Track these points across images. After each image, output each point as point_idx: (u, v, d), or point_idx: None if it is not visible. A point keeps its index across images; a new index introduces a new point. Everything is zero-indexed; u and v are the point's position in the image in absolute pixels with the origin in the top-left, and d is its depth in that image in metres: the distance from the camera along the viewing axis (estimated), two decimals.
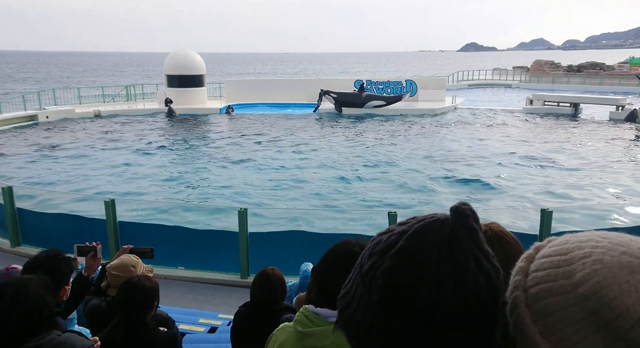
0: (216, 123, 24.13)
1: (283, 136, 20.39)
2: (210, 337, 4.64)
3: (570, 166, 15.35)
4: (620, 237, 0.64)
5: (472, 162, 15.93)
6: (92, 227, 7.63)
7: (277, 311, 2.75)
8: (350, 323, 0.73)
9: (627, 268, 0.58)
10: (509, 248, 1.29)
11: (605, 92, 35.85)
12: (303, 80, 36.21)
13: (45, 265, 2.63)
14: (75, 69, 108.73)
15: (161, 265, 7.02)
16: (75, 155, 17.16)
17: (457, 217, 0.69)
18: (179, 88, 27.21)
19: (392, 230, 0.73)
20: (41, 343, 1.76)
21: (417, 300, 0.66)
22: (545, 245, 0.71)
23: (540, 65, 53.09)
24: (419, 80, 30.93)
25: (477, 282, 0.66)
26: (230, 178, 14.19)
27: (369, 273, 0.71)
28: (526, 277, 0.68)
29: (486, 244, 0.71)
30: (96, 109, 26.04)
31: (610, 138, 20.02)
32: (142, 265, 3.27)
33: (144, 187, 13.50)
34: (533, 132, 21.63)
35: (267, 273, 2.95)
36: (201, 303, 6.42)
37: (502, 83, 49.49)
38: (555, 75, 47.65)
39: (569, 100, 26.99)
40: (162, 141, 19.64)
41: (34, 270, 2.59)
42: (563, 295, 0.61)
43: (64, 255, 2.77)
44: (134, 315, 2.52)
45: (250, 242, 6.94)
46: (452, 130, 21.93)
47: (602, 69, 48.74)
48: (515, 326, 0.67)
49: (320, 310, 1.39)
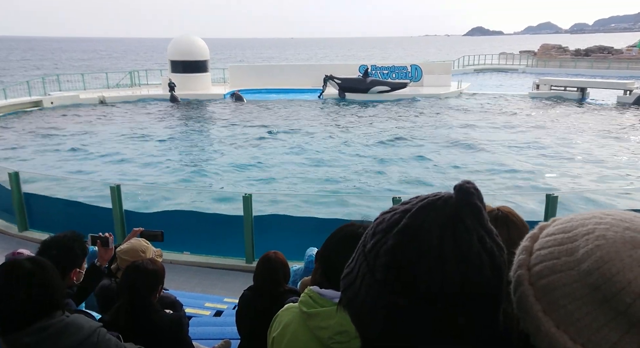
0: (220, 108, 24.08)
1: (288, 121, 20.33)
2: (216, 321, 4.70)
3: (577, 151, 15.24)
4: (624, 214, 0.63)
5: (477, 147, 15.85)
6: (98, 212, 7.68)
7: (280, 294, 2.78)
8: (353, 303, 0.73)
9: (630, 243, 0.58)
10: (514, 228, 1.29)
11: (614, 76, 35.38)
12: (307, 65, 35.93)
13: (60, 245, 2.71)
14: (81, 56, 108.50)
15: (167, 250, 7.07)
16: (79, 140, 17.22)
17: (461, 195, 0.68)
18: (183, 73, 27.13)
19: (395, 209, 0.73)
20: (49, 324, 1.78)
21: (420, 278, 0.66)
22: (549, 224, 0.71)
23: (547, 49, 52.32)
24: (425, 65, 30.63)
25: (481, 260, 0.66)
26: (235, 164, 14.21)
27: (372, 252, 0.71)
28: (530, 256, 0.68)
29: (490, 223, 0.70)
30: (101, 94, 26.04)
31: (617, 123, 19.82)
32: (152, 250, 3.30)
33: (149, 172, 13.56)
34: (539, 117, 21.44)
35: (270, 256, 2.97)
36: (207, 288, 6.49)
37: (509, 67, 48.97)
38: (562, 60, 47.02)
39: (576, 84, 26.67)
40: (167, 127, 19.66)
41: (47, 249, 2.67)
42: (566, 272, 0.61)
43: (81, 238, 2.83)
44: (137, 298, 2.55)
45: (255, 227, 6.97)
46: (457, 116, 21.78)
47: (610, 52, 47.99)
48: (519, 304, 0.67)
49: (325, 291, 1.40)
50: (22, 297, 1.74)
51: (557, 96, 26.10)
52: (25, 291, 1.75)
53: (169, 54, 28.01)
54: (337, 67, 30.05)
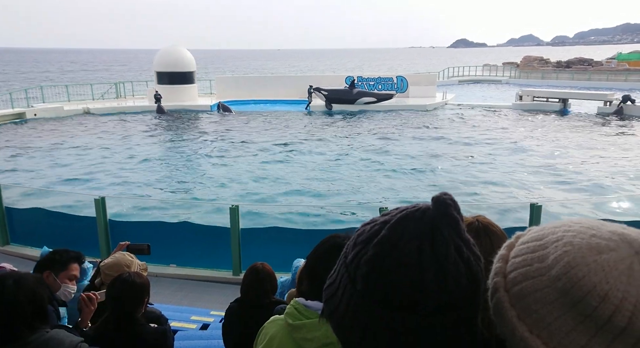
0: (207, 120, 24.00)
1: (274, 133, 20.35)
2: (202, 334, 4.64)
3: (559, 161, 15.49)
4: (592, 222, 0.66)
5: (462, 158, 16.03)
6: (82, 226, 7.57)
7: (267, 305, 2.77)
8: (335, 313, 0.75)
9: (595, 249, 0.61)
10: (496, 238, 1.31)
11: (594, 88, 36.19)
12: (294, 76, 36.08)
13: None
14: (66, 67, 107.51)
15: (153, 263, 6.99)
16: (63, 152, 17.00)
17: (438, 207, 0.70)
18: (169, 85, 27.03)
19: (375, 221, 0.75)
20: (30, 340, 1.75)
21: (399, 288, 0.67)
22: (525, 233, 0.74)
23: (529, 61, 53.42)
24: (410, 77, 31.00)
25: (458, 269, 0.68)
26: (222, 175, 14.15)
27: (353, 263, 0.72)
28: (506, 264, 0.70)
29: (469, 235, 0.73)
30: (85, 106, 25.78)
31: (598, 133, 20.24)
32: (137, 263, 3.27)
33: (134, 184, 13.42)
34: (522, 127, 21.79)
35: (257, 267, 2.97)
36: (193, 301, 6.41)
37: (492, 79, 49.77)
38: (544, 71, 47.98)
39: (557, 95, 27.20)
40: (153, 138, 19.51)
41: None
42: (538, 278, 0.64)
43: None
44: (123, 311, 2.52)
45: (242, 239, 6.94)
46: (442, 126, 22.02)
47: (590, 64, 49.13)
48: (495, 310, 0.69)
49: (311, 303, 1.41)
50: (4, 313, 1.72)
51: (540, 107, 26.60)
52: (6, 307, 1.72)
53: (155, 65, 27.93)
54: (323, 78, 30.24)
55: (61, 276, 2.91)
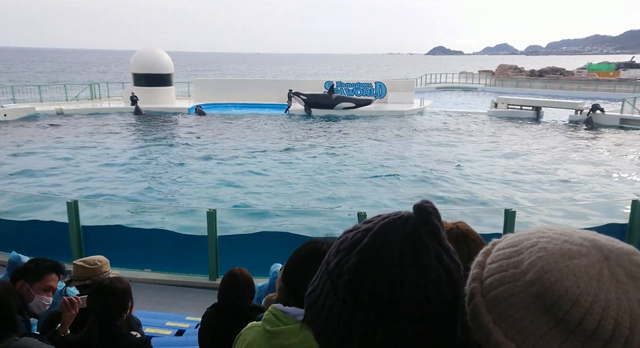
0: (184, 123, 23.73)
1: (253, 137, 20.25)
2: (177, 340, 4.57)
3: (532, 167, 15.87)
4: (565, 229, 0.69)
5: (438, 164, 16.25)
6: (54, 231, 7.37)
7: (245, 311, 2.75)
8: (317, 320, 0.75)
9: (567, 254, 0.63)
10: (474, 246, 1.33)
11: (566, 96, 37.26)
12: (273, 80, 36.07)
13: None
14: (38, 67, 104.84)
15: (127, 268, 6.86)
16: (35, 155, 16.53)
17: (419, 215, 0.71)
18: (146, 87, 26.64)
19: (357, 228, 0.75)
20: None
21: (381, 295, 0.68)
22: (501, 240, 0.75)
23: (504, 69, 54.72)
24: (388, 82, 31.33)
25: (439, 276, 0.69)
26: (199, 179, 13.99)
27: (335, 270, 0.73)
28: (483, 270, 0.72)
29: (448, 241, 0.74)
30: (58, 107, 25.16)
31: (570, 140, 20.84)
32: (108, 265, 3.23)
33: (109, 186, 13.14)
34: (497, 134, 22.27)
35: (235, 273, 2.94)
36: (168, 306, 6.30)
37: (469, 86, 50.75)
38: (518, 80, 49.20)
39: (531, 103, 27.94)
40: (127, 140, 19.17)
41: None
42: (513, 283, 0.65)
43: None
44: (107, 319, 2.47)
45: (219, 244, 6.86)
46: (420, 132, 22.31)
47: (562, 74, 50.62)
48: (471, 316, 0.71)
49: (289, 309, 1.40)
50: None
51: (514, 114, 27.24)
52: None
53: (131, 66, 27.48)
54: (303, 83, 30.28)
55: (35, 287, 2.72)
